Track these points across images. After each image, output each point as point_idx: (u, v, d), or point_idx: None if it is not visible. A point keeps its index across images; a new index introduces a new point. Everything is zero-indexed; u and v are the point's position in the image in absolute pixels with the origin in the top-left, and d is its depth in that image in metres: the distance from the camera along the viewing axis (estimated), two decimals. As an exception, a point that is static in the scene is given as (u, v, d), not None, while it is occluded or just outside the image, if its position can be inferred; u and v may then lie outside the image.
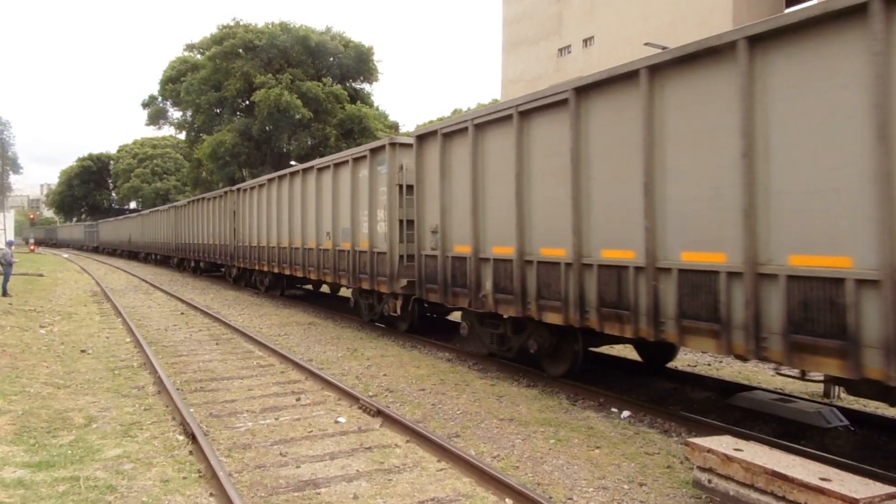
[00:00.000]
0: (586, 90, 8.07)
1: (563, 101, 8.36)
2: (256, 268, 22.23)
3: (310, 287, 22.74)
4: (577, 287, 8.18)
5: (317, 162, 16.94)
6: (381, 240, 13.17)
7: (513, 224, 9.25)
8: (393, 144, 12.92)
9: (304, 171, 17.58)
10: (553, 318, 8.66)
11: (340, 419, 7.62)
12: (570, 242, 8.23)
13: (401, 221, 12.67)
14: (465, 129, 10.27)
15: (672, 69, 7.04)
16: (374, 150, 13.57)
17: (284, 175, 19.25)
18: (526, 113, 9.05)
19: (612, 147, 7.76)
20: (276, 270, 20.04)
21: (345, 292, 19.55)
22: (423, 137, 11.69)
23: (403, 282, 12.52)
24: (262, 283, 23.00)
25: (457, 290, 10.70)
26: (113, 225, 61.01)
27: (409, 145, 12.36)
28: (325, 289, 21.38)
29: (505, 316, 10.03)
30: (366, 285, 13.94)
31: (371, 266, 13.53)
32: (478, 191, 10.07)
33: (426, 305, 13.16)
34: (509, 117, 9.30)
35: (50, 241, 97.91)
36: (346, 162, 14.77)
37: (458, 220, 10.67)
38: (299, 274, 18.03)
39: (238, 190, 24.47)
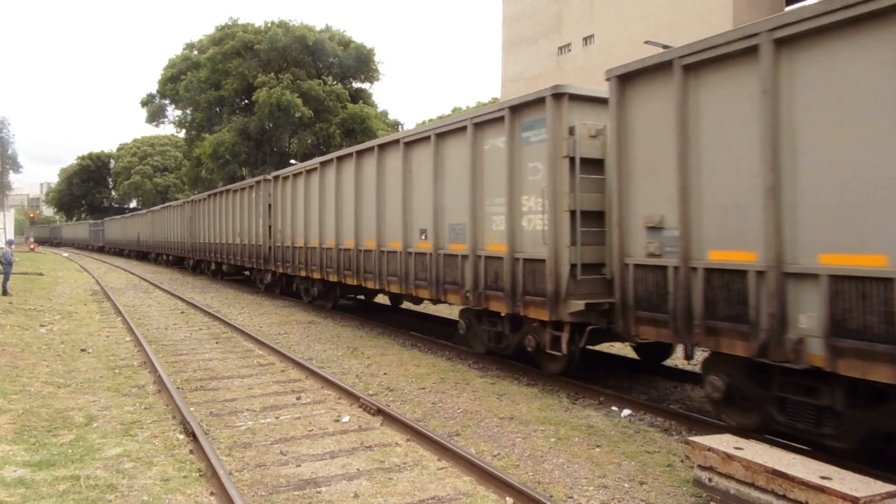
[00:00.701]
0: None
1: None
2: (301, 273, 17.97)
3: (362, 297, 18.85)
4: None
5: (403, 134, 12.65)
6: (532, 241, 9.17)
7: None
8: (558, 96, 8.68)
9: (382, 147, 13.25)
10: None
11: (344, 418, 7.62)
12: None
13: (572, 213, 8.64)
14: (738, 51, 6.42)
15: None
16: (516, 108, 9.34)
17: (346, 155, 14.99)
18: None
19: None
20: (330, 278, 15.79)
21: (434, 309, 16.74)
22: (630, 77, 7.72)
23: (578, 304, 8.50)
24: (307, 292, 18.57)
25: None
26: (120, 223, 57.13)
27: (588, 98, 8.84)
28: (381, 297, 18.20)
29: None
30: (500, 307, 9.81)
31: (512, 279, 9.44)
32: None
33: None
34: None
35: (54, 241, 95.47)
36: (463, 129, 10.50)
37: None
38: (371, 285, 13.83)
39: (276, 178, 20.15)
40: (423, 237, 11.66)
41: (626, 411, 7.96)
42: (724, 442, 5.14)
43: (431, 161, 11.32)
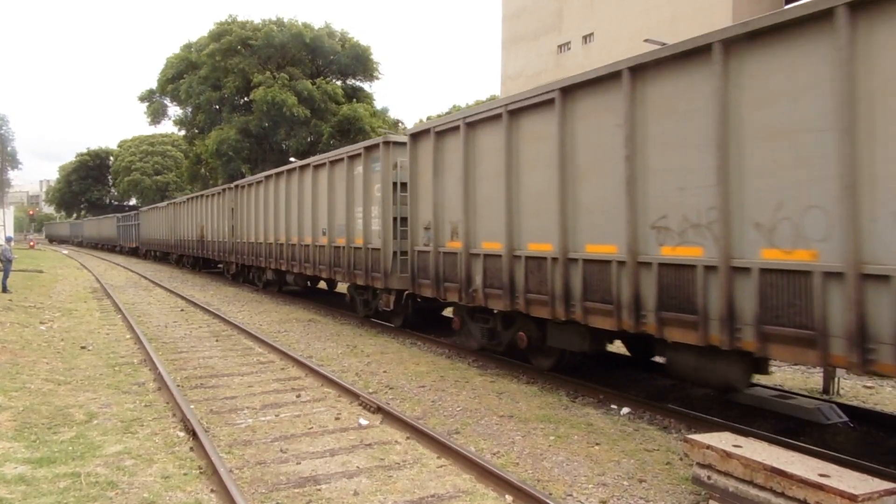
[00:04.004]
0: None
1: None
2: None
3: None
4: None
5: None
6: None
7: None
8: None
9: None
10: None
11: (362, 419, 7.51)
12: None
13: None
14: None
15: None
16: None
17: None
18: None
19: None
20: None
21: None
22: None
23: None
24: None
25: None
26: (165, 214, 38.80)
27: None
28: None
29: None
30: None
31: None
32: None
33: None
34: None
35: (73, 239, 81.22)
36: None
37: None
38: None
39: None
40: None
41: (626, 409, 7.98)
42: (722, 440, 5.15)
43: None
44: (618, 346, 11.42)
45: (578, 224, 8.24)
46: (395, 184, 13.03)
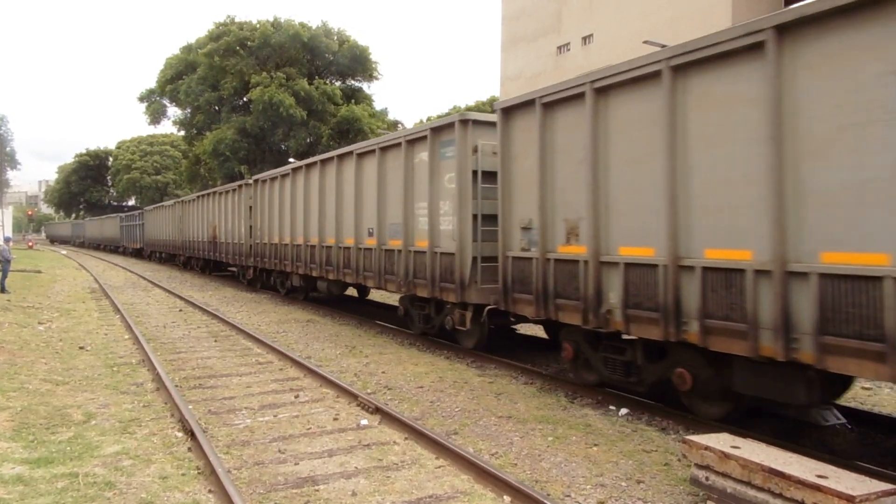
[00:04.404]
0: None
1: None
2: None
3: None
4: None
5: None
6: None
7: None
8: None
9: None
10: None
11: (363, 421, 7.51)
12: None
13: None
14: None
15: None
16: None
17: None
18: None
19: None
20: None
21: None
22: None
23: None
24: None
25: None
26: (172, 213, 36.29)
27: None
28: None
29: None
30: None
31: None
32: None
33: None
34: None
35: (75, 240, 79.07)
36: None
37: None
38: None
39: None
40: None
41: (624, 410, 7.98)
42: (721, 441, 5.15)
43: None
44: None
45: (806, 222, 5.79)
46: (474, 173, 10.51)
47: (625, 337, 8.03)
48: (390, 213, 12.92)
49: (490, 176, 10.33)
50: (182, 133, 53.17)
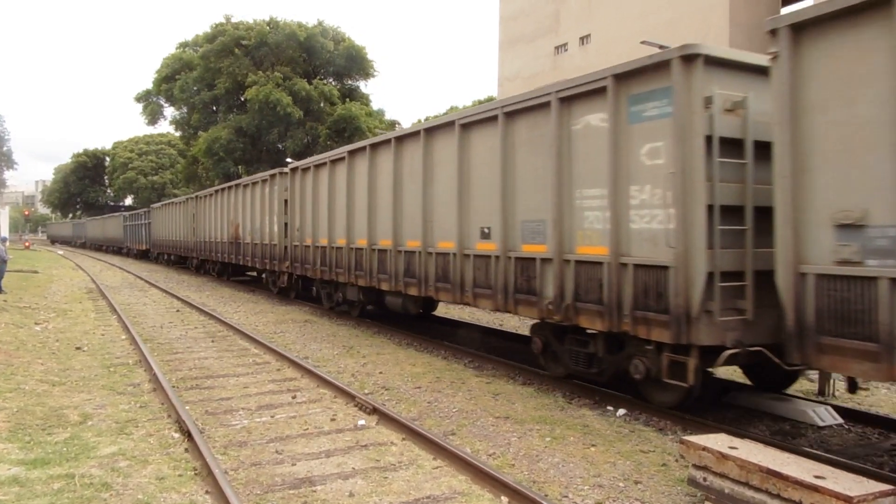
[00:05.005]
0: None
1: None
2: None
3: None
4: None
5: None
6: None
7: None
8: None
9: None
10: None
11: (361, 421, 7.47)
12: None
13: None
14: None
15: None
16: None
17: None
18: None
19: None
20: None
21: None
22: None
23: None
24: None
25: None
26: (186, 209, 32.19)
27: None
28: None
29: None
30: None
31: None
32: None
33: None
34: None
35: (76, 240, 75.74)
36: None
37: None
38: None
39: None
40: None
41: (622, 411, 7.97)
42: (718, 441, 5.15)
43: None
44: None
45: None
46: (708, 139, 6.86)
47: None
48: (523, 207, 9.30)
49: (732, 146, 7.03)
50: (179, 133, 53.18)
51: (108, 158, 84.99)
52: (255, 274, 25.21)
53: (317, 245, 16.39)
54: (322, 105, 41.02)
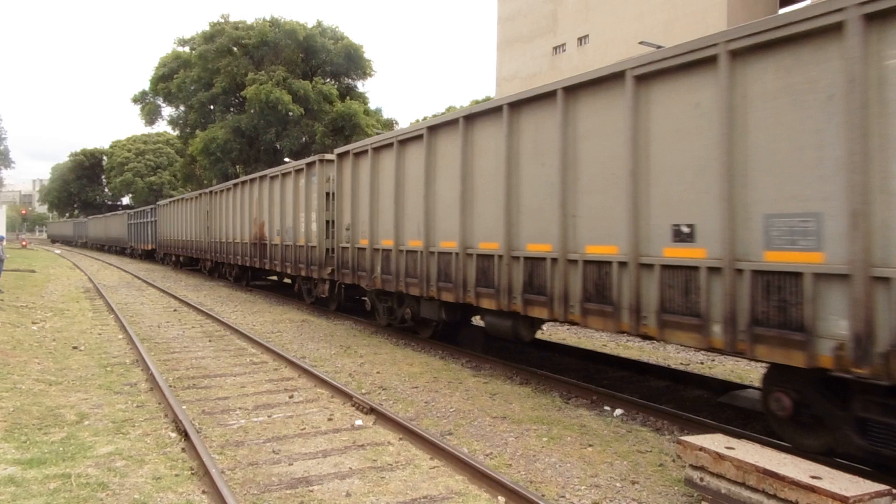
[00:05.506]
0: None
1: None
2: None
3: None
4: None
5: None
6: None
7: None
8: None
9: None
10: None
11: (358, 421, 7.48)
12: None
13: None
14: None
15: None
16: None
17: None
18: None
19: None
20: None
21: None
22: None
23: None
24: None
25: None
26: (198, 206, 29.39)
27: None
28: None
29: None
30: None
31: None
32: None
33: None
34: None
35: (77, 240, 73.04)
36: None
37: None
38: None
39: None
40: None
41: (619, 410, 7.98)
42: (715, 442, 5.16)
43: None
44: (611, 348, 11.43)
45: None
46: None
47: None
48: (777, 193, 5.98)
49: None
50: (177, 132, 53.13)
51: (105, 158, 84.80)
52: (275, 279, 23.37)
53: (376, 248, 13.01)
54: (321, 104, 41.03)
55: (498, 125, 9.46)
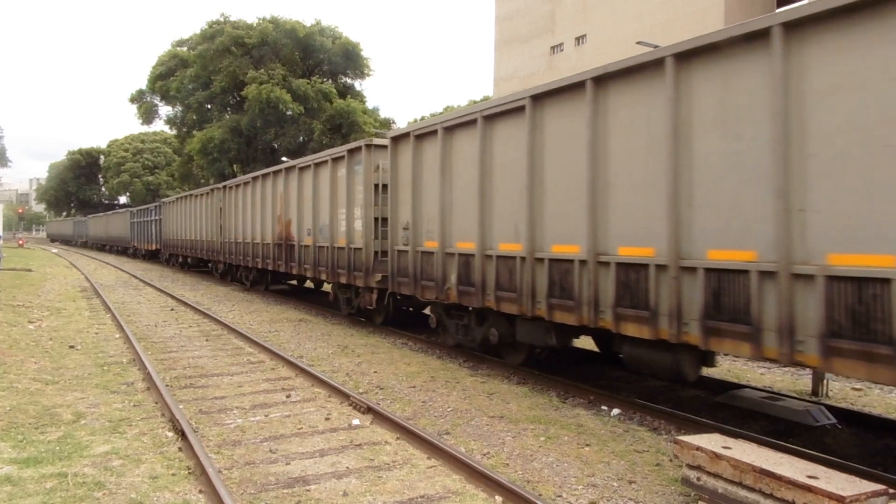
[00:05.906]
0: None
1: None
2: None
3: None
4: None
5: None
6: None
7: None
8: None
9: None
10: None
11: (355, 420, 7.48)
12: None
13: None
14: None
15: None
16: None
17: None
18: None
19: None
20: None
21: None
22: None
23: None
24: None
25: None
26: (209, 203, 26.79)
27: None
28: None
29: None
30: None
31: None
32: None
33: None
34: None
35: (77, 239, 70.46)
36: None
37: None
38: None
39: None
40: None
41: (616, 410, 7.99)
42: (712, 441, 5.16)
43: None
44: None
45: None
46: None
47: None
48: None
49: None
50: (174, 131, 53.05)
51: (102, 157, 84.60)
52: (295, 283, 21.62)
53: (449, 252, 10.53)
54: (320, 103, 41.01)
55: (638, 91, 7.28)
